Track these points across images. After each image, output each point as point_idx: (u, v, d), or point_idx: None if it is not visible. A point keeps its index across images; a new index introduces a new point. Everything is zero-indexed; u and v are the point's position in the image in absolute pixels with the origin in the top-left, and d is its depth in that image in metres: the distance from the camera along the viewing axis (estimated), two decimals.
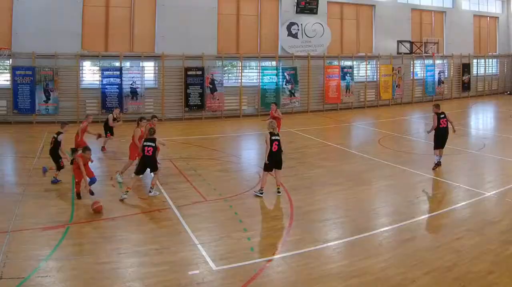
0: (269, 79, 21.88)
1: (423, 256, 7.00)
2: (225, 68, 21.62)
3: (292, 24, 22.90)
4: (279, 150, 9.82)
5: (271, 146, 9.69)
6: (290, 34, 22.87)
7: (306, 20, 23.22)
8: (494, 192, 10.57)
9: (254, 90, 21.79)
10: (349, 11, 25.38)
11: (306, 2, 22.98)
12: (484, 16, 32.63)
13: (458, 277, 6.32)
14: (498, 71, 33.81)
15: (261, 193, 9.63)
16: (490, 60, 33.41)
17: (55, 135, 10.28)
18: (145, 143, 9.67)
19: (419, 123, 20.26)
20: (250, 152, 15.20)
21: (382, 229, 8.19)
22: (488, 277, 6.40)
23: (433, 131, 12.07)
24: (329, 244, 7.47)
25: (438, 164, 12.05)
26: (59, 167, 10.25)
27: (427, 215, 9.03)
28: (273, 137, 9.74)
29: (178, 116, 19.89)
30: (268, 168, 9.75)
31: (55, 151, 10.19)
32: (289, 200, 9.62)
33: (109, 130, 13.85)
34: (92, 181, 9.41)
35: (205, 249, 7.07)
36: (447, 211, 9.30)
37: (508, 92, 33.72)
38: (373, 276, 6.34)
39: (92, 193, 9.19)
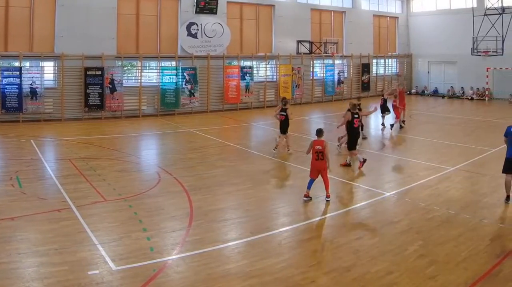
0: (168, 79, 27.42)
1: (322, 256, 8.80)
2: (125, 68, 26.80)
3: (191, 24, 28.67)
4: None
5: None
6: (189, 34, 28.61)
7: (206, 20, 29.12)
8: (394, 192, 12.89)
9: (154, 90, 27.19)
10: (249, 11, 31.89)
11: (205, 2, 28.81)
12: (383, 16, 41.24)
13: (357, 277, 7.80)
14: (397, 71, 42.44)
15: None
16: (390, 60, 42.04)
17: None
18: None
19: (318, 124, 23.85)
20: (150, 151, 18.74)
21: (281, 229, 10.09)
22: (387, 277, 7.83)
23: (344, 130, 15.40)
24: (228, 244, 9.19)
25: (363, 162, 15.15)
26: None
27: (326, 215, 11.06)
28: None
29: (77, 116, 24.65)
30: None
31: None
32: (188, 200, 11.76)
33: None
34: None
35: (105, 249, 8.65)
36: (347, 211, 11.42)
37: (408, 92, 41.60)
38: (273, 276, 7.82)
39: None
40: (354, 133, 15.36)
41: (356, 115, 15.22)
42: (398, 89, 24.24)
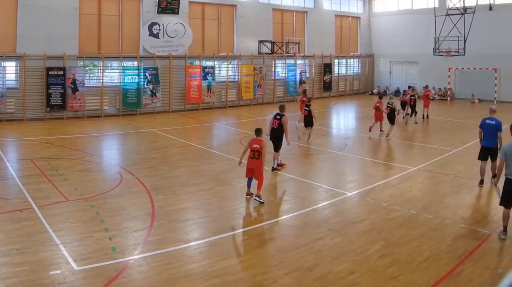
0: (130, 79, 28.85)
1: (284, 256, 8.93)
2: (87, 68, 28.12)
3: (153, 24, 30.18)
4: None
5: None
6: (151, 34, 30.11)
7: (168, 20, 30.65)
8: (355, 192, 13.31)
9: (116, 90, 28.56)
10: (211, 11, 33.60)
11: (167, 2, 30.34)
12: (345, 16, 43.53)
13: (319, 277, 8.05)
14: (359, 71, 44.86)
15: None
16: (352, 60, 44.25)
17: None
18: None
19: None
20: (112, 151, 19.29)
21: (243, 229, 10.46)
22: (349, 277, 8.10)
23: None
24: (190, 244, 9.47)
25: (280, 165, 15.67)
26: None
27: (288, 215, 11.41)
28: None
29: (39, 116, 25.81)
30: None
31: None
32: (150, 200, 12.15)
33: None
34: None
35: (67, 249, 8.87)
36: (309, 211, 11.71)
37: (370, 92, 43.82)
38: (234, 276, 8.05)
39: None
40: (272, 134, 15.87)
41: (278, 117, 15.71)
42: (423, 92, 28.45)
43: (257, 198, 12.13)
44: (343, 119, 26.30)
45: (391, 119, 22.00)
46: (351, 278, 8.08)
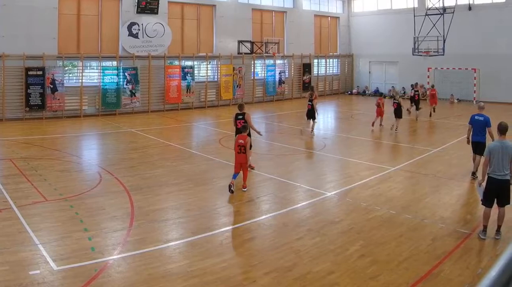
0: (110, 79, 29.51)
1: (264, 256, 9.12)
2: (66, 68, 28.71)
3: (133, 24, 30.86)
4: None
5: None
6: (131, 34, 30.78)
7: (147, 20, 31.35)
8: (335, 192, 13.57)
9: (95, 90, 29.18)
10: (190, 11, 34.37)
11: (146, 2, 31.00)
12: (325, 16, 44.52)
13: (298, 277, 8.21)
14: (339, 71, 45.87)
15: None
16: (331, 60, 45.24)
17: None
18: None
19: (259, 124, 24.95)
20: (91, 151, 19.67)
21: (223, 229, 10.61)
22: (328, 277, 8.24)
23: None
24: (170, 244, 9.64)
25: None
26: None
27: (267, 215, 11.60)
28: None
29: (18, 116, 26.35)
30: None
31: None
32: (130, 200, 12.32)
33: None
34: None
35: (46, 249, 8.99)
36: (288, 211, 11.94)
37: (349, 92, 44.77)
38: (214, 276, 8.19)
39: None
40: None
41: (240, 117, 15.94)
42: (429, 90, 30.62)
43: (244, 189, 13.34)
44: (322, 120, 26.85)
45: (399, 114, 24.18)
46: (330, 278, 8.26)
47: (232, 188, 13.13)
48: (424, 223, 11.11)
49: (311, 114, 22.90)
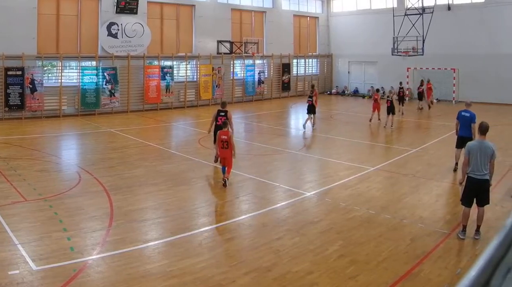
0: (89, 79, 30.01)
1: (243, 256, 9.23)
2: (45, 68, 29.15)
3: (112, 24, 31.40)
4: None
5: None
6: (110, 34, 31.33)
7: (126, 20, 31.91)
8: (314, 192, 13.76)
9: (74, 90, 29.68)
10: (169, 11, 35.02)
11: (126, 2, 31.56)
12: (304, 16, 45.39)
13: (277, 277, 8.33)
14: (318, 71, 46.79)
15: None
16: (310, 60, 46.12)
17: None
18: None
19: (238, 124, 26.07)
20: (70, 151, 19.98)
21: (202, 229, 10.76)
22: (307, 277, 8.34)
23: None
24: (149, 244, 9.77)
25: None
26: None
27: (247, 215, 11.77)
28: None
29: None
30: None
31: None
32: (109, 200, 12.44)
33: None
34: None
35: (25, 249, 9.09)
36: (267, 211, 12.10)
37: (328, 92, 45.65)
38: (193, 276, 8.27)
39: None
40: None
41: (222, 113, 16.78)
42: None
43: (226, 181, 14.01)
44: (302, 120, 27.09)
45: (392, 110, 25.70)
46: (309, 278, 8.35)
47: (226, 183, 14.02)
48: (404, 223, 11.26)
49: (311, 109, 24.92)
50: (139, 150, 19.70)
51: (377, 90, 28.13)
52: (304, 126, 25.08)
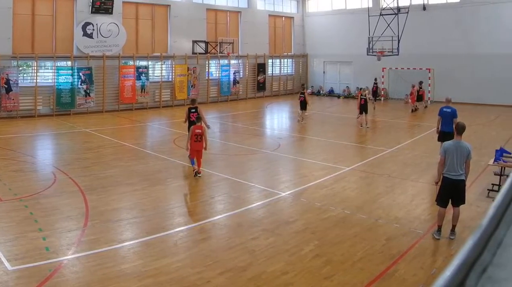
0: (64, 79, 30.58)
1: (218, 256, 9.31)
2: (20, 68, 29.64)
3: (87, 24, 32.01)
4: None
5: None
6: (85, 34, 31.93)
7: (101, 20, 32.52)
8: (289, 192, 13.93)
9: (49, 90, 30.16)
10: (145, 11, 35.73)
11: (101, 2, 32.18)
12: (279, 16, 46.39)
13: (253, 277, 8.43)
14: (293, 71, 47.79)
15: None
16: (286, 60, 47.08)
17: None
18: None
19: (214, 124, 25.75)
20: (45, 151, 20.13)
21: (177, 229, 10.87)
22: (282, 277, 8.47)
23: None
24: (124, 244, 9.85)
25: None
26: None
27: (222, 215, 11.94)
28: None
29: None
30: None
31: None
32: (84, 200, 12.60)
33: None
34: None
35: (1, 249, 9.11)
36: (242, 211, 12.22)
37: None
38: (168, 276, 8.38)
39: None
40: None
41: (193, 110, 17.94)
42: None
43: (199, 174, 15.24)
44: (277, 119, 27.92)
45: (365, 109, 26.46)
46: (285, 278, 8.45)
47: (198, 174, 15.24)
48: (379, 223, 11.37)
49: (303, 105, 27.40)
50: (114, 150, 20.02)
51: (361, 88, 28.99)
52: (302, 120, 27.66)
